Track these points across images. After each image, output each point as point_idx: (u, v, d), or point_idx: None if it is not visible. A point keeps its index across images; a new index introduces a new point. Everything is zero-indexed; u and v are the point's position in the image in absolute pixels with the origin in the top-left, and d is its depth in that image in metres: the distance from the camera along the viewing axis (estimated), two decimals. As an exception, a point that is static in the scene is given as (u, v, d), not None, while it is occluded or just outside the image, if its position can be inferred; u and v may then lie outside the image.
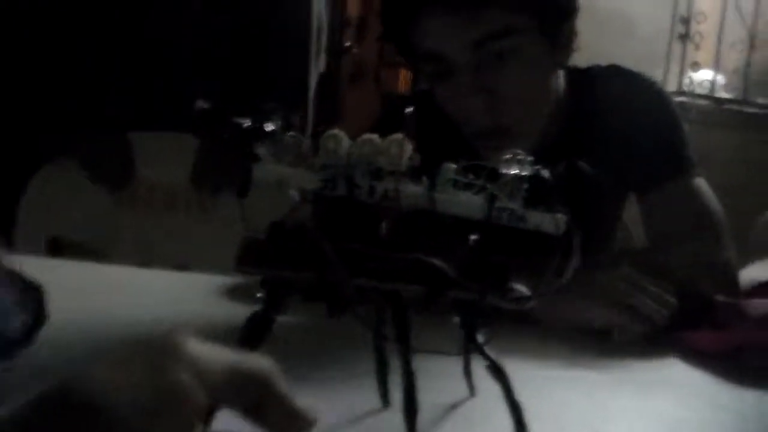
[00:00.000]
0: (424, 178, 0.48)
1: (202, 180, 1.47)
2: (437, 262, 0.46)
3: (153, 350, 0.36)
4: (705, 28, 3.12)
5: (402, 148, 0.47)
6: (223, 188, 1.46)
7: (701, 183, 1.13)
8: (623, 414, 0.69)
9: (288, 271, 0.47)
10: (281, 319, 0.71)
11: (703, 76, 3.12)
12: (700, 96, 3.10)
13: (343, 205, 0.47)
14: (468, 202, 0.48)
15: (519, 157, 0.47)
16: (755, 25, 3.09)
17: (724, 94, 3.15)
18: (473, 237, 0.48)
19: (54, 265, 1.11)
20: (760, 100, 3.18)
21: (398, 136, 0.48)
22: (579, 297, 0.91)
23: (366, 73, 3.56)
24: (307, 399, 0.59)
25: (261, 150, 0.49)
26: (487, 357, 0.50)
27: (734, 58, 3.16)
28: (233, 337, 0.60)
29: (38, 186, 1.44)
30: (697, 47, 3.12)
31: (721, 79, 3.17)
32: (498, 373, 0.50)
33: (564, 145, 1.11)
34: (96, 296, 0.92)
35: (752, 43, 3.09)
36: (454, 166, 0.48)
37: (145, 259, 1.33)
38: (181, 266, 1.30)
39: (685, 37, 3.11)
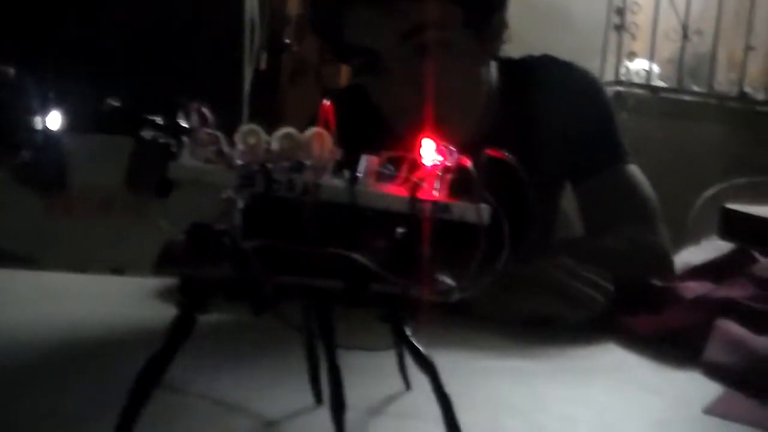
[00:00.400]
0: (346, 172, 0.47)
1: (136, 182, 1.44)
2: (357, 256, 0.45)
3: None
4: (640, 19, 3.17)
5: (322, 141, 0.47)
6: (160, 209, 1.43)
7: (635, 170, 1.14)
8: (559, 403, 0.69)
9: (207, 271, 0.46)
10: (213, 317, 0.70)
11: (639, 65, 3.18)
12: (636, 85, 3.15)
13: (262, 201, 0.46)
14: (390, 195, 0.47)
15: (442, 148, 0.47)
16: (688, 15, 3.15)
17: (659, 83, 3.21)
18: (397, 230, 0.48)
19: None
20: (695, 89, 3.24)
21: (318, 129, 0.47)
22: (516, 287, 0.91)
23: (307, 71, 3.54)
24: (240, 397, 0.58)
25: (178, 148, 0.47)
26: (413, 350, 0.49)
27: (668, 47, 3.22)
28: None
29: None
30: (633, 37, 3.17)
31: (656, 68, 3.23)
32: (426, 365, 0.50)
33: (498, 137, 1.11)
34: (29, 304, 0.89)
35: (685, 33, 3.15)
36: (375, 158, 0.48)
37: (80, 265, 1.30)
38: (117, 270, 1.27)
39: (620, 28, 3.15)
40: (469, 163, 0.47)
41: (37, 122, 0.68)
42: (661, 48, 3.21)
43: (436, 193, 0.47)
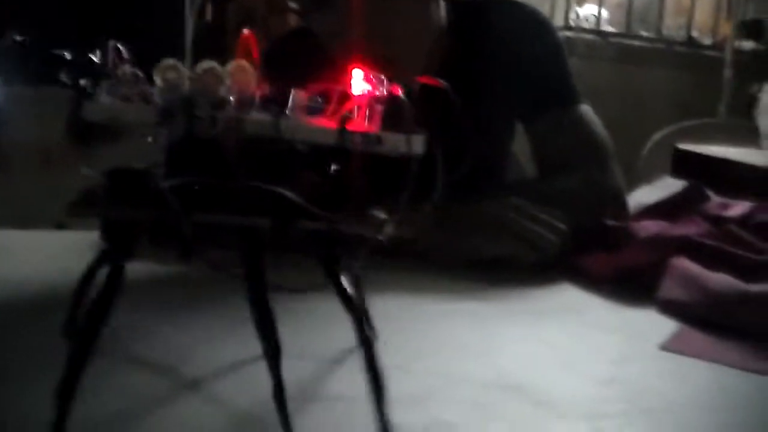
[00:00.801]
0: (273, 106, 0.45)
1: (75, 133, 1.40)
2: (283, 191, 0.43)
3: None
4: (588, -37, 3.16)
5: (245, 74, 0.45)
6: (101, 142, 1.39)
7: (587, 110, 1.13)
8: (516, 344, 0.69)
9: (126, 213, 0.45)
10: (163, 269, 0.68)
11: (589, 10, 3.17)
12: (585, 30, 3.15)
13: (185, 140, 0.45)
14: (318, 128, 0.45)
15: (371, 77, 0.45)
16: (636, -42, 3.14)
17: (608, 29, 3.21)
18: (327, 164, 0.47)
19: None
20: (643, 34, 3.25)
21: (241, 62, 0.45)
22: (467, 229, 0.91)
23: (254, 21, 3.47)
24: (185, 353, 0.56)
25: (92, 86, 0.45)
26: (341, 291, 0.48)
27: (617, -8, 3.22)
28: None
29: None
30: (582, -18, 3.16)
31: (605, 13, 3.23)
32: (351, 309, 0.48)
33: (446, 77, 1.09)
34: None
35: (633, -23, 3.15)
36: (303, 92, 0.46)
37: (22, 221, 1.26)
38: (60, 225, 1.24)
39: (569, -28, 3.14)
40: (399, 91, 0.45)
41: None
42: (610, -7, 3.21)
43: (367, 125, 0.45)
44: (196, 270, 0.54)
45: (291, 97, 0.45)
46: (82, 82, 0.45)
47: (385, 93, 0.46)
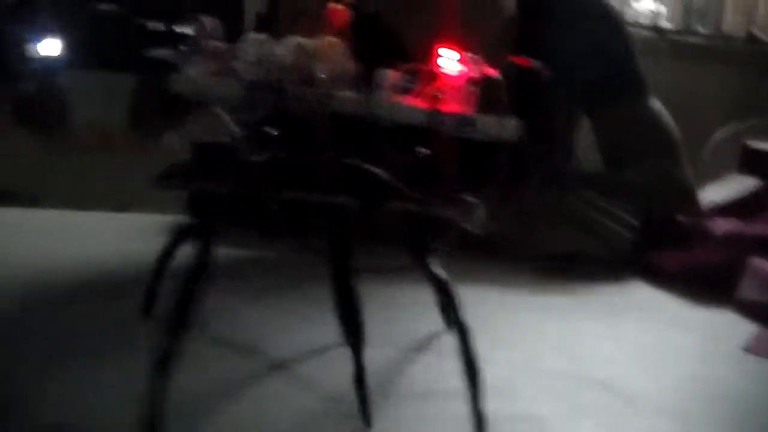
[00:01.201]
0: (360, 83, 0.44)
1: (140, 121, 1.41)
2: (373, 168, 0.42)
3: None
4: (648, -42, 3.11)
5: (335, 50, 0.44)
6: (164, 129, 1.40)
7: (656, 103, 1.10)
8: (594, 338, 0.68)
9: (211, 185, 0.44)
10: (245, 253, 0.67)
11: (646, 6, 3.12)
12: (643, 27, 3.09)
13: (274, 115, 0.44)
14: (409, 107, 0.44)
15: (465, 56, 0.44)
16: (697, -47, 3.08)
17: (666, 25, 3.15)
18: (417, 145, 0.45)
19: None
20: (702, 30, 3.19)
21: (332, 39, 0.44)
22: (540, 221, 0.89)
23: (308, 12, 3.48)
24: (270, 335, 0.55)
25: (179, 59, 0.45)
26: (432, 275, 0.46)
27: (677, -12, 3.16)
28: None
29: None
30: (640, -23, 3.10)
31: (663, 9, 3.17)
32: (443, 291, 0.46)
33: (514, 49, 1.07)
34: (31, 241, 0.87)
35: (694, -28, 3.09)
36: (393, 71, 0.45)
37: (82, 203, 1.28)
38: (120, 207, 1.25)
39: (628, -33, 3.09)
40: (495, 73, 0.43)
41: (36, 52, 0.65)
42: (668, -12, 3.15)
43: (459, 106, 0.44)
44: (280, 251, 0.52)
45: (381, 75, 0.44)
46: (171, 55, 0.44)
47: (479, 73, 0.44)
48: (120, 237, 0.94)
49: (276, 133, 0.45)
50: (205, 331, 0.58)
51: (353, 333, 0.45)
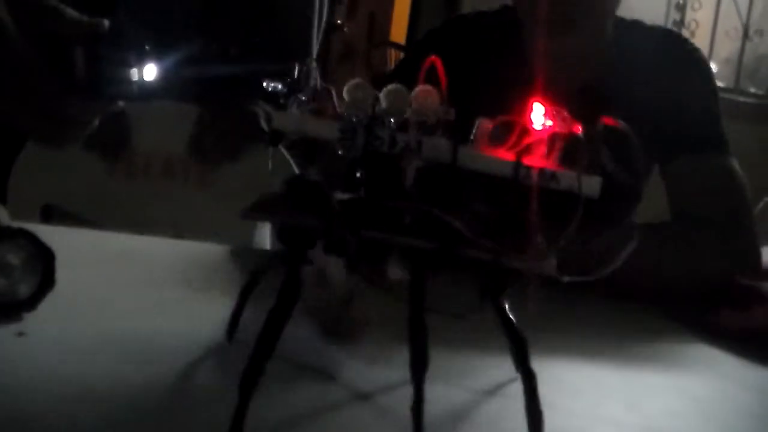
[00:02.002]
0: (455, 132, 0.46)
1: (201, 150, 1.45)
2: (448, 216, 0.44)
3: None
4: (700, 16, 3.13)
5: (429, 98, 0.46)
6: (223, 160, 1.44)
7: (735, 162, 1.08)
8: (655, 391, 0.68)
9: (295, 220, 0.46)
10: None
11: (697, 64, 3.13)
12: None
13: (366, 156, 0.46)
14: (494, 159, 0.46)
15: (554, 113, 0.45)
16: (750, 14, 3.09)
17: (718, 84, 3.16)
18: (500, 196, 0.47)
19: (48, 232, 1.08)
20: (752, 90, 3.18)
21: (427, 87, 0.46)
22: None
23: (355, 53, 3.54)
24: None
25: (285, 100, 0.47)
26: (505, 321, 0.48)
27: (728, 46, 3.17)
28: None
29: (30, 154, 1.42)
30: (692, 35, 3.12)
31: (714, 68, 3.17)
32: (513, 337, 0.48)
33: (601, 91, 1.08)
34: (95, 264, 0.90)
35: (746, 33, 3.09)
36: (488, 121, 0.47)
37: (140, 228, 1.31)
38: (177, 235, 1.28)
39: (680, 24, 3.11)
40: (580, 130, 0.45)
41: (133, 74, 0.68)
42: (720, 47, 3.16)
43: (544, 161, 0.46)
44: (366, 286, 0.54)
45: (476, 125, 0.46)
46: (280, 94, 0.47)
47: (565, 130, 0.46)
48: (174, 263, 0.96)
49: (362, 174, 0.47)
50: (288, 358, 0.60)
51: (417, 363, 0.46)
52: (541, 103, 0.45)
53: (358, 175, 0.47)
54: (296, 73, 0.47)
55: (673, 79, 1.09)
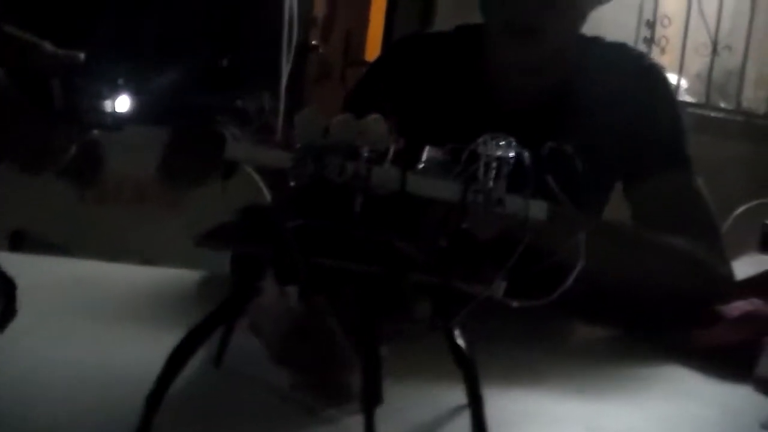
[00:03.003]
0: (404, 160, 0.47)
1: (171, 174, 1.45)
2: (398, 241, 0.45)
3: None
4: (670, 33, 3.17)
5: (379, 127, 0.47)
6: (193, 183, 1.44)
7: (701, 181, 1.07)
8: (616, 410, 0.69)
9: (247, 248, 0.47)
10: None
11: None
12: (664, 99, 3.14)
13: (317, 185, 0.47)
14: (442, 185, 0.47)
15: (500, 140, 0.46)
16: (718, 30, 3.14)
17: (687, 98, 3.20)
18: (449, 221, 0.48)
19: (16, 260, 1.08)
20: (722, 105, 3.23)
21: (376, 116, 0.47)
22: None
23: (330, 73, 3.56)
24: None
25: (236, 131, 0.48)
26: (453, 346, 0.48)
27: (697, 62, 3.21)
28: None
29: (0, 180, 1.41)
30: (663, 51, 3.16)
31: (684, 83, 3.21)
32: (464, 363, 0.49)
33: (563, 109, 1.07)
34: (63, 291, 0.89)
35: (715, 48, 3.14)
36: (438, 149, 0.48)
37: (112, 254, 1.31)
38: (149, 261, 1.28)
39: (650, 41, 3.15)
40: (525, 154, 0.46)
41: (108, 104, 0.70)
42: (690, 62, 3.20)
43: (490, 186, 0.47)
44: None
45: (426, 152, 0.47)
46: (232, 125, 0.48)
47: (511, 156, 0.47)
48: (145, 290, 0.96)
49: (313, 202, 0.47)
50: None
51: (368, 395, 0.46)
52: (491, 133, 0.46)
53: (308, 203, 0.47)
54: (251, 104, 0.48)
55: (632, 97, 1.08)
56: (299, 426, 0.56)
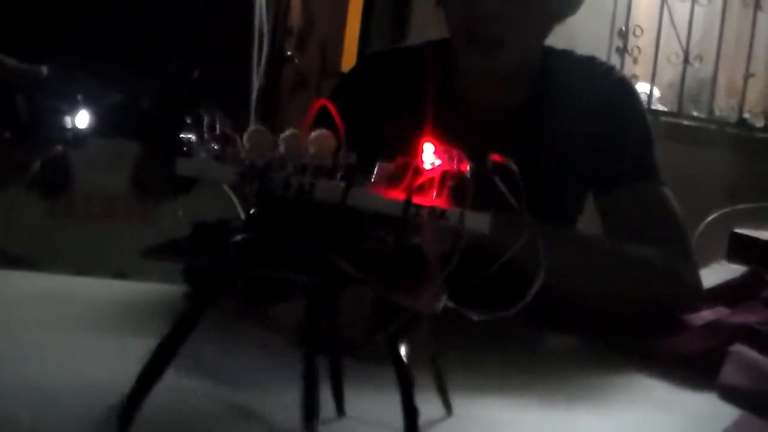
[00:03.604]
0: (348, 174, 0.48)
1: (142, 187, 1.45)
2: (333, 254, 0.45)
3: None
4: (642, 42, 3.20)
5: (327, 143, 0.48)
6: (165, 196, 1.44)
7: (669, 192, 1.08)
8: (581, 423, 0.69)
9: (190, 260, 0.48)
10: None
11: (641, 89, 3.19)
12: (637, 108, 3.16)
13: (265, 199, 0.48)
14: (384, 199, 0.47)
15: (441, 151, 0.47)
16: (689, 39, 3.17)
17: (660, 107, 3.23)
18: (393, 235, 0.48)
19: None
20: (695, 113, 3.26)
21: (324, 131, 0.48)
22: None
23: (307, 84, 3.56)
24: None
25: (193, 146, 0.49)
26: (396, 359, 0.49)
27: (669, 71, 3.25)
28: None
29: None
30: (635, 61, 3.19)
31: (657, 92, 3.25)
32: (401, 378, 0.49)
33: (530, 121, 1.09)
34: (32, 305, 0.89)
35: (686, 58, 3.18)
36: (388, 164, 0.48)
37: (82, 268, 1.31)
38: (120, 274, 1.28)
39: (623, 51, 3.18)
40: (467, 168, 0.47)
41: (68, 121, 0.71)
42: (662, 72, 3.23)
43: (435, 199, 0.47)
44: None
45: (376, 167, 0.48)
46: (183, 140, 0.49)
47: (453, 168, 0.47)
48: (116, 304, 0.96)
49: (257, 216, 0.48)
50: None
51: (308, 407, 0.47)
52: (432, 143, 0.47)
53: (254, 216, 0.48)
54: (204, 120, 0.49)
55: (602, 109, 1.09)
56: None
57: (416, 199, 0.47)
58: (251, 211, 0.48)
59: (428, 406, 0.60)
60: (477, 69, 1.06)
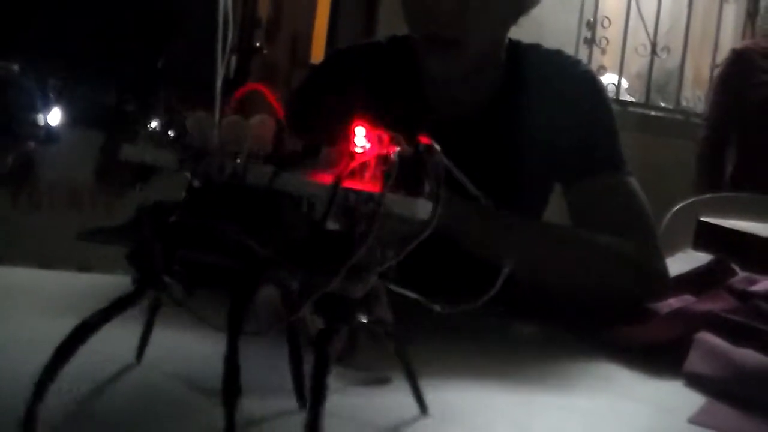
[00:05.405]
0: (284, 159, 0.49)
1: (107, 178, 1.45)
2: (249, 239, 0.46)
3: None
4: (610, 33, 3.23)
5: (266, 128, 0.49)
6: (128, 188, 1.44)
7: (634, 182, 1.09)
8: (547, 410, 0.69)
9: (118, 242, 0.49)
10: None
11: (608, 80, 3.23)
12: (605, 99, 3.20)
13: (206, 184, 0.49)
14: (313, 183, 0.48)
15: (372, 135, 0.48)
16: (656, 31, 3.21)
17: (627, 98, 3.27)
18: (322, 221, 0.48)
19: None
20: (662, 104, 3.31)
21: (263, 116, 0.49)
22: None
23: (276, 75, 3.55)
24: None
25: (139, 132, 0.50)
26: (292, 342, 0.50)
27: (637, 62, 3.29)
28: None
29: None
30: (603, 52, 3.23)
31: (624, 83, 3.28)
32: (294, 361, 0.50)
33: (495, 118, 1.10)
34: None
35: (653, 49, 3.22)
36: (333, 150, 0.49)
37: (45, 261, 1.30)
38: (84, 267, 1.28)
39: (591, 42, 3.21)
40: (393, 152, 0.47)
41: (40, 118, 0.72)
42: (630, 63, 3.27)
43: (365, 183, 0.47)
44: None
45: (321, 153, 0.49)
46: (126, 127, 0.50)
47: (383, 151, 0.48)
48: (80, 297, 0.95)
49: (189, 199, 0.50)
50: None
51: (228, 387, 0.47)
52: (363, 126, 0.48)
53: (186, 200, 0.49)
54: (148, 106, 0.50)
55: (568, 102, 1.10)
56: (220, 420, 0.57)
57: (347, 184, 0.47)
58: (184, 195, 0.49)
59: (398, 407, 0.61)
60: (437, 67, 1.07)
